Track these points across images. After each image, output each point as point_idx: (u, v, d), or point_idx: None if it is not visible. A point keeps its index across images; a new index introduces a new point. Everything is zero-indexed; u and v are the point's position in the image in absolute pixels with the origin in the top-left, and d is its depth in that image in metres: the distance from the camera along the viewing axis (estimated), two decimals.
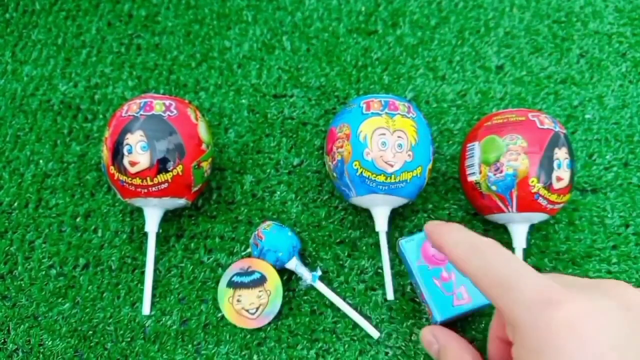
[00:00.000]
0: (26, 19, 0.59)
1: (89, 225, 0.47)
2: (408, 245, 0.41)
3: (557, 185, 0.39)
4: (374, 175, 0.40)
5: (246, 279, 0.41)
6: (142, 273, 0.45)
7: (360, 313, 0.42)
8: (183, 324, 0.43)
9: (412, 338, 0.42)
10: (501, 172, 0.39)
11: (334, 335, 0.42)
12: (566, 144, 0.40)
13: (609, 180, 0.47)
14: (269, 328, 0.42)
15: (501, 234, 0.45)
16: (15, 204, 0.48)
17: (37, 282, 0.45)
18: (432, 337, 0.34)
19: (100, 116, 0.52)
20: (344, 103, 0.52)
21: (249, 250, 0.45)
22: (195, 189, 0.43)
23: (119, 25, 0.58)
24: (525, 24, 0.56)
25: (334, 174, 0.43)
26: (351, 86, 0.53)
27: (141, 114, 0.41)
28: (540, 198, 0.39)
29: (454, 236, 0.27)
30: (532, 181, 0.38)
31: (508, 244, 0.43)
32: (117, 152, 0.41)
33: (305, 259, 0.45)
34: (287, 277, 0.44)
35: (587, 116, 0.51)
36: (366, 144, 0.40)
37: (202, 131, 0.43)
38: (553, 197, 0.39)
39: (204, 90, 0.53)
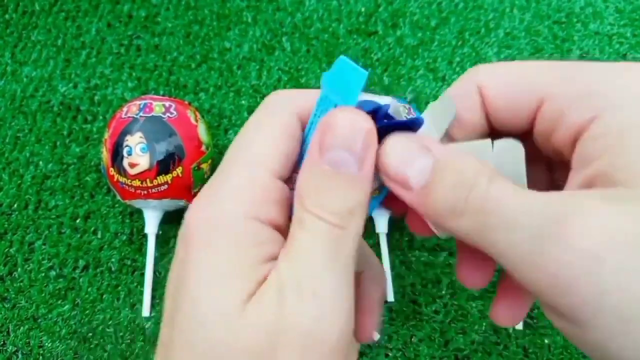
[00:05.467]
0: (26, 20, 0.59)
1: (89, 226, 0.47)
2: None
3: None
4: None
5: None
6: (142, 275, 0.44)
7: None
8: None
9: (412, 340, 0.41)
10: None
11: None
12: None
13: None
14: None
15: None
16: (15, 206, 0.48)
17: (37, 284, 0.45)
18: (421, 146, 0.17)
19: (100, 117, 0.52)
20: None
21: None
22: (195, 190, 0.43)
23: (119, 26, 0.58)
24: (526, 24, 0.56)
25: None
26: None
27: (141, 116, 0.41)
28: None
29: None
30: None
31: None
32: (116, 154, 0.41)
33: None
34: None
35: None
36: None
37: (202, 133, 0.43)
38: None
39: (203, 91, 0.53)
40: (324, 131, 0.17)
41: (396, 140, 0.18)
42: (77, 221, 0.47)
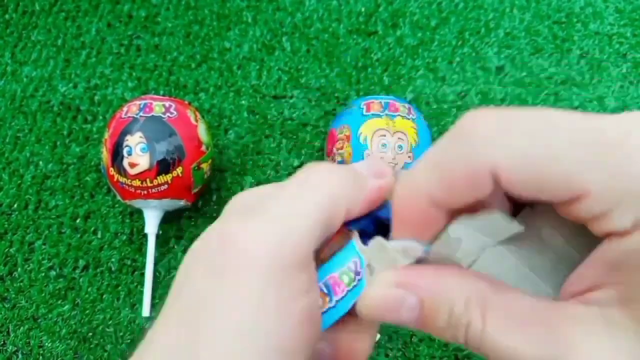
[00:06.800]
0: (26, 20, 0.59)
1: (89, 226, 0.47)
2: None
3: None
4: None
5: None
6: (142, 274, 0.44)
7: None
8: None
9: (413, 340, 0.41)
10: None
11: None
12: None
13: None
14: None
15: None
16: (15, 206, 0.48)
17: (37, 284, 0.45)
18: (400, 288, 0.17)
19: (100, 117, 0.52)
20: (344, 104, 0.52)
21: None
22: (195, 190, 0.43)
23: (119, 26, 0.58)
24: (526, 24, 0.56)
25: None
26: (351, 87, 0.53)
27: (141, 116, 0.41)
28: None
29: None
30: None
31: None
32: (116, 154, 0.41)
33: None
34: None
35: None
36: (366, 146, 0.40)
37: (202, 132, 0.43)
38: None
39: (203, 91, 0.53)
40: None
41: (373, 291, 0.18)
42: (77, 221, 0.47)
